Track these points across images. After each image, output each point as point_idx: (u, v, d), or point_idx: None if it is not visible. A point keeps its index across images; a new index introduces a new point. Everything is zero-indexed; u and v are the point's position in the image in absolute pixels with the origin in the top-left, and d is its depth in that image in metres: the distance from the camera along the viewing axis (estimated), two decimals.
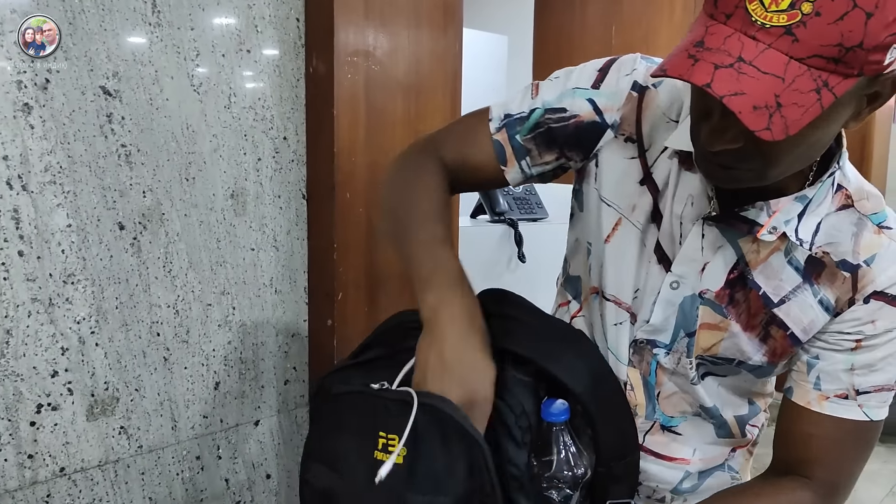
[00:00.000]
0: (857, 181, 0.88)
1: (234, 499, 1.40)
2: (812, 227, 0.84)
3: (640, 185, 0.91)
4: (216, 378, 1.34)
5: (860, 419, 0.86)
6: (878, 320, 0.83)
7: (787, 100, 0.65)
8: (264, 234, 1.39)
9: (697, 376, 0.93)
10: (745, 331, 0.87)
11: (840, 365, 0.85)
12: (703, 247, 0.87)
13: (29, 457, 1.12)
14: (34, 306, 1.11)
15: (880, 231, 0.84)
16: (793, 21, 0.63)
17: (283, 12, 1.38)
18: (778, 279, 0.85)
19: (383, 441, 0.84)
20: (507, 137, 0.95)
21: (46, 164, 1.10)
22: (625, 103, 0.90)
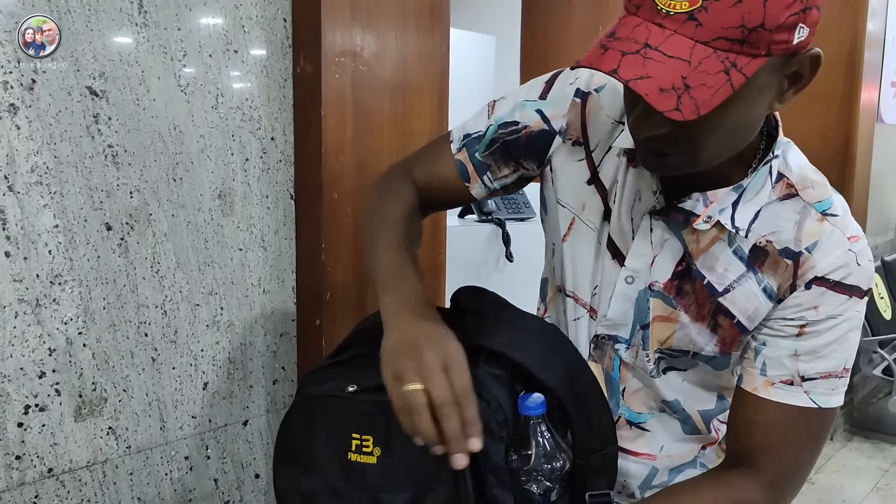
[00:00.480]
0: (801, 170, 0.89)
1: (223, 498, 1.40)
2: (749, 215, 0.85)
3: (589, 185, 0.95)
4: (204, 378, 1.34)
5: (807, 406, 0.86)
6: (820, 306, 0.84)
7: (694, 81, 0.68)
8: (252, 234, 1.39)
9: (657, 370, 0.95)
10: (694, 321, 0.90)
11: (784, 351, 0.86)
12: (652, 241, 0.90)
13: (16, 458, 1.12)
14: (21, 307, 1.11)
15: (824, 218, 0.86)
16: (694, 7, 0.67)
17: (271, 13, 1.39)
18: (722, 269, 0.87)
19: (357, 442, 0.85)
20: (467, 156, 1.01)
21: (33, 164, 1.10)
22: (569, 109, 0.95)
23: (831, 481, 3.17)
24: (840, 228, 0.86)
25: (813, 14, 0.72)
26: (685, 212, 0.86)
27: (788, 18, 0.68)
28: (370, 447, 0.85)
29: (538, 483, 0.91)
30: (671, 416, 0.99)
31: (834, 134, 3.39)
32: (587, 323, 0.99)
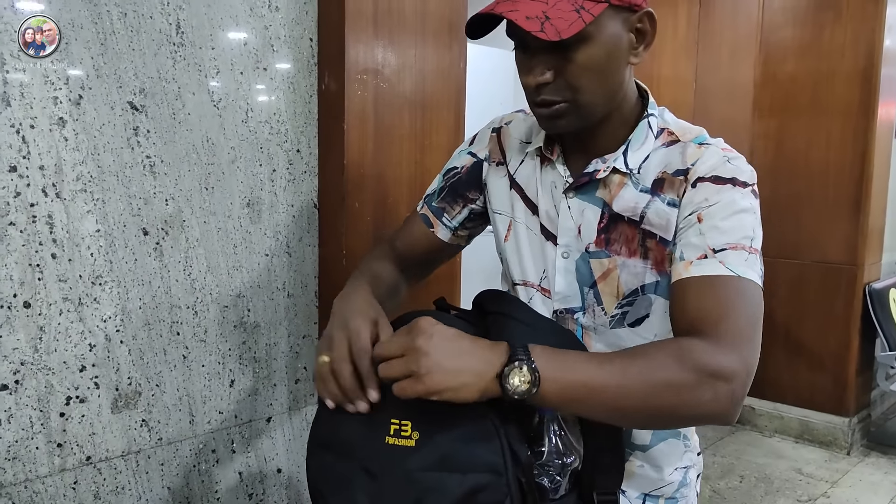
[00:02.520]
0: (679, 124, 1.07)
1: (246, 491, 1.48)
2: (639, 159, 1.03)
3: (511, 191, 1.14)
4: (231, 376, 1.42)
5: (725, 273, 0.90)
6: (707, 196, 0.97)
7: (553, 15, 0.89)
8: (278, 241, 1.47)
9: (617, 320, 1.05)
10: (629, 257, 1.03)
11: (693, 237, 0.96)
12: (573, 215, 1.06)
13: (58, 445, 1.21)
14: (65, 305, 1.19)
15: (700, 146, 1.02)
16: None
17: (298, 32, 1.47)
18: (633, 203, 1.02)
19: (395, 427, 0.92)
20: (427, 208, 1.22)
21: (78, 173, 1.19)
22: (489, 142, 1.18)
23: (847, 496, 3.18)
24: (714, 146, 1.02)
25: None
26: (590, 173, 1.04)
27: None
28: (409, 431, 0.92)
29: (549, 477, 0.98)
30: None
31: (851, 149, 3.42)
32: (541, 301, 1.10)
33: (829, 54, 3.52)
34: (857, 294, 3.42)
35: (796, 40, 3.61)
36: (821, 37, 3.54)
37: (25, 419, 1.17)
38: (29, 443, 1.17)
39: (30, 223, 1.15)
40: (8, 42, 1.10)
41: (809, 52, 3.56)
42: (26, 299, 1.15)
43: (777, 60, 3.65)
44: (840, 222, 3.44)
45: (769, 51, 3.67)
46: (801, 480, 3.24)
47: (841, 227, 3.44)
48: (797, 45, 3.60)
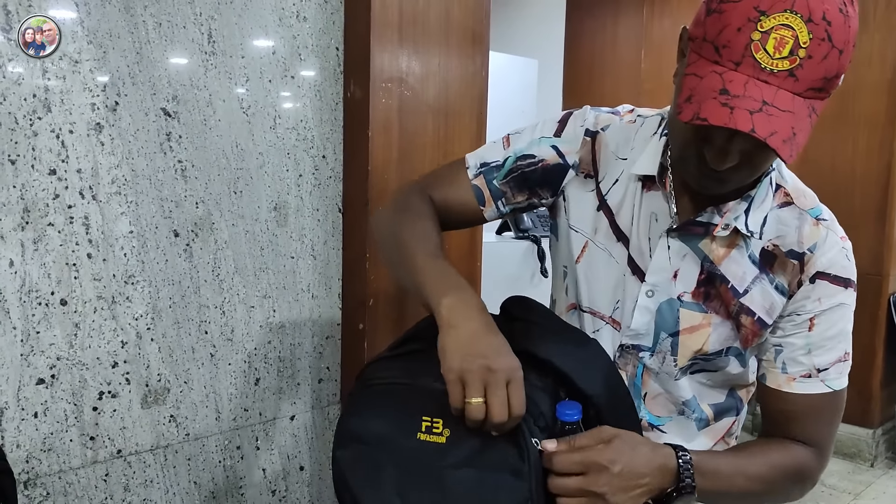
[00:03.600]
0: (793, 181, 1.02)
1: (270, 487, 1.51)
2: (759, 220, 0.98)
3: (598, 212, 1.06)
4: (257, 374, 1.46)
5: (825, 392, 0.99)
6: (822, 297, 0.97)
7: (798, 129, 0.80)
8: (303, 243, 1.52)
9: (679, 372, 1.03)
10: (724, 319, 1.00)
11: (800, 351, 0.98)
12: (671, 256, 1.01)
13: (91, 438, 1.25)
14: (99, 303, 1.24)
15: (818, 223, 0.99)
16: (794, 65, 0.79)
17: (325, 42, 1.52)
18: (741, 272, 0.98)
19: (427, 424, 0.94)
20: (484, 182, 1.10)
21: (113, 177, 1.24)
22: (581, 147, 1.07)
23: None
24: (833, 231, 0.99)
25: None
26: (703, 224, 0.98)
27: (846, 65, 0.82)
28: (440, 429, 0.94)
29: None
30: (688, 417, 1.07)
31: (877, 159, 3.40)
32: (610, 334, 1.07)
33: (855, 64, 3.49)
34: (881, 304, 3.40)
35: None
36: None
37: (60, 412, 1.21)
38: (63, 435, 1.22)
39: (67, 224, 1.20)
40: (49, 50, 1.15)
41: None
42: (63, 297, 1.20)
43: None
44: (865, 232, 3.42)
45: None
46: (824, 492, 3.21)
47: (866, 237, 3.41)
48: None
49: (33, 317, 1.17)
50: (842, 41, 0.79)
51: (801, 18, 0.78)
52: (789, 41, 0.78)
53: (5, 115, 1.12)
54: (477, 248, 1.74)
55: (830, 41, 0.78)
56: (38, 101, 1.15)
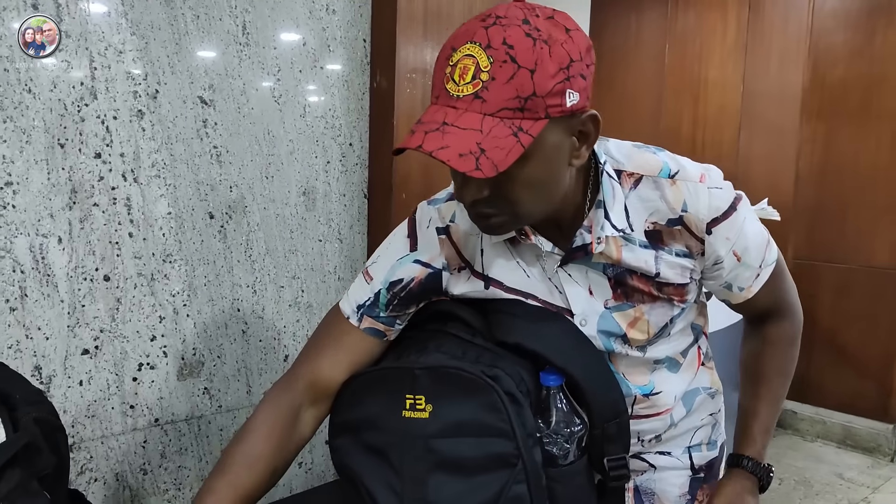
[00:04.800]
0: (627, 155, 1.02)
1: (297, 460, 1.58)
2: (621, 213, 0.99)
3: (487, 289, 1.06)
4: (286, 351, 1.54)
5: (771, 271, 1.11)
6: (727, 235, 1.02)
7: (489, 145, 0.81)
8: (330, 227, 1.58)
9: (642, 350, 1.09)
10: (653, 303, 1.04)
11: (742, 272, 1.07)
12: (577, 281, 1.03)
13: (131, 407, 1.33)
14: (139, 280, 1.32)
15: (674, 182, 0.99)
16: (477, 88, 0.82)
17: (352, 34, 1.58)
18: (643, 261, 1.01)
19: (410, 401, 1.01)
20: (372, 321, 1.07)
21: (153, 160, 1.31)
22: (441, 248, 1.06)
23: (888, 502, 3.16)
24: (688, 180, 1.00)
25: (578, 81, 0.85)
26: (582, 247, 1.00)
27: (555, 86, 0.83)
28: (423, 405, 1.01)
29: (557, 445, 1.06)
30: (660, 368, 1.13)
31: None
32: None
33: (880, 59, 3.50)
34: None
35: (847, 45, 3.59)
36: (872, 41, 3.52)
37: (103, 381, 1.29)
38: (105, 403, 1.30)
39: (111, 205, 1.27)
40: (96, 42, 1.23)
41: (860, 57, 3.55)
42: (106, 273, 1.28)
43: (827, 65, 3.64)
44: (888, 227, 3.42)
45: (818, 55, 3.66)
46: (842, 485, 3.23)
47: (889, 231, 3.41)
48: (848, 50, 3.59)
49: (79, 291, 1.25)
50: (530, 61, 0.81)
51: (480, 46, 0.82)
52: (471, 68, 0.82)
53: (55, 101, 1.20)
54: None
55: (515, 62, 0.81)
56: (86, 89, 1.23)
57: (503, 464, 0.99)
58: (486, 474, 0.99)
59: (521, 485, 0.99)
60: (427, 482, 1.00)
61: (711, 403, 1.19)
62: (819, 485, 3.16)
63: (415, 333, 1.10)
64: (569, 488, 1.04)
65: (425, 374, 1.01)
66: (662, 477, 1.16)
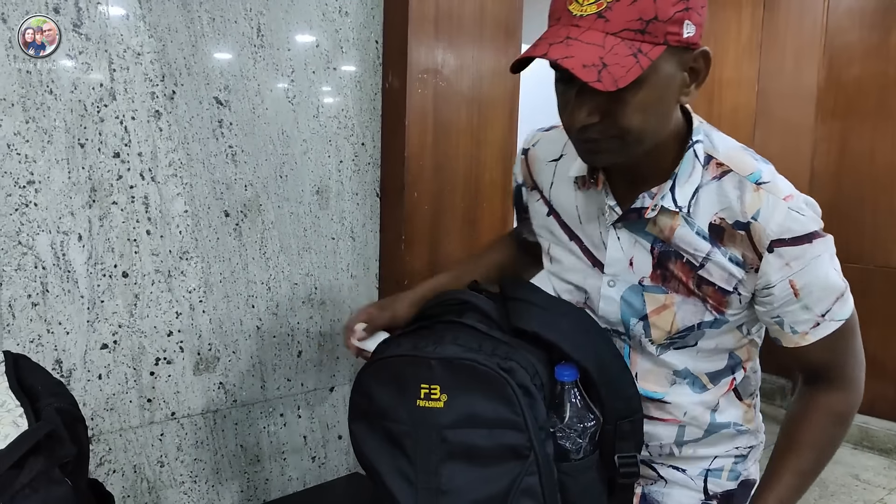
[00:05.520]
0: (728, 149, 1.02)
1: (310, 454, 1.61)
2: (688, 194, 1.00)
3: (548, 216, 1.15)
4: (299, 347, 1.56)
5: (836, 328, 1.02)
6: (789, 261, 0.97)
7: (610, 61, 0.85)
8: (343, 225, 1.61)
9: (660, 349, 1.08)
10: (687, 296, 1.03)
11: (799, 312, 1.01)
12: (622, 246, 1.05)
13: (148, 401, 1.36)
14: (156, 276, 1.35)
15: (758, 188, 0.98)
16: (601, 8, 0.86)
17: (365, 35, 1.61)
18: (693, 249, 1.01)
19: (425, 391, 1.04)
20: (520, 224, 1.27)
21: (170, 160, 1.35)
22: (521, 166, 1.20)
23: None
24: (773, 193, 0.98)
25: (696, 15, 0.88)
26: (638, 209, 1.02)
27: (675, 14, 0.86)
28: (438, 395, 1.04)
29: (570, 440, 1.07)
30: (682, 383, 1.11)
31: None
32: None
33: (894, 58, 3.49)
34: None
35: (862, 43, 3.58)
36: (888, 40, 3.50)
37: (121, 375, 1.33)
38: (124, 396, 1.33)
39: (129, 203, 1.31)
40: (115, 44, 1.26)
41: (876, 56, 3.53)
42: (125, 269, 1.31)
43: (842, 64, 3.63)
44: None
45: (834, 54, 3.64)
46: (858, 486, 3.21)
47: None
48: (863, 49, 3.57)
49: (98, 287, 1.28)
50: None
51: None
52: None
53: (76, 102, 1.23)
54: None
55: None
56: (105, 90, 1.26)
57: (515, 455, 1.00)
58: (499, 465, 1.01)
59: (532, 477, 1.01)
60: (440, 471, 1.02)
61: (742, 439, 1.15)
62: (834, 486, 3.14)
63: (432, 324, 1.12)
64: (580, 483, 1.06)
65: (441, 364, 1.03)
66: (672, 493, 1.14)
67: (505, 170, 1.77)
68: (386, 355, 1.10)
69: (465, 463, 1.02)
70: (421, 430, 1.04)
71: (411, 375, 1.05)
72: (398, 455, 1.06)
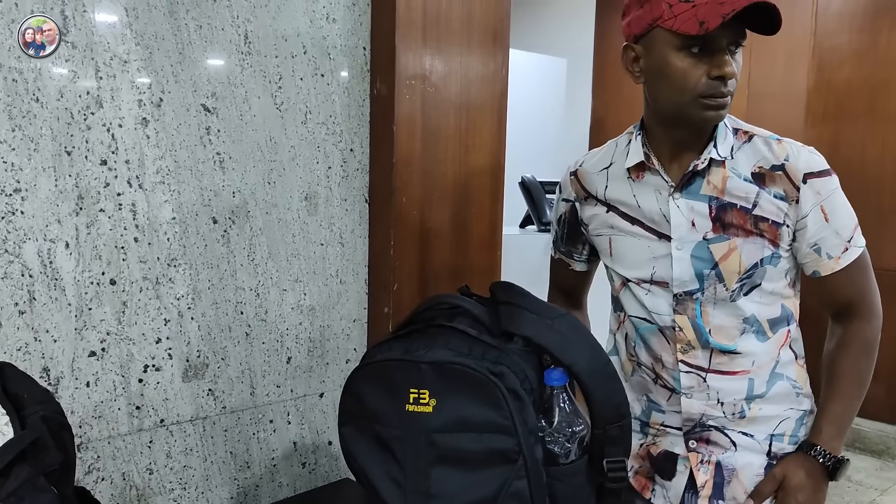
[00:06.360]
0: (746, 125, 1.28)
1: (300, 460, 1.61)
2: (727, 149, 1.24)
3: (608, 213, 1.34)
4: (288, 353, 1.57)
5: (858, 255, 1.25)
6: (819, 190, 1.21)
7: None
8: (332, 231, 1.61)
9: (737, 293, 1.24)
10: (747, 237, 1.22)
11: (832, 237, 1.23)
12: (683, 213, 1.25)
13: (136, 408, 1.36)
14: (144, 283, 1.35)
15: (780, 142, 1.24)
16: None
17: (353, 42, 1.61)
18: (744, 192, 1.22)
19: (415, 395, 1.04)
20: (559, 253, 1.49)
21: (158, 167, 1.35)
22: (572, 185, 1.40)
23: None
24: (793, 143, 1.24)
25: None
26: (690, 173, 1.23)
27: None
28: (427, 399, 1.04)
29: (559, 444, 1.08)
30: (749, 332, 1.26)
31: None
32: (661, 292, 1.29)
33: (885, 60, 3.51)
34: None
35: (852, 46, 3.60)
36: (877, 42, 3.53)
37: (109, 383, 1.33)
38: (112, 404, 1.33)
39: (116, 210, 1.31)
40: (101, 52, 1.27)
41: (865, 58, 3.56)
42: (112, 277, 1.31)
43: (832, 66, 3.65)
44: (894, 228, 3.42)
45: (823, 56, 3.67)
46: (850, 487, 3.23)
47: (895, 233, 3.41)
48: (853, 51, 3.60)
49: (86, 294, 1.29)
50: None
51: None
52: None
53: (62, 110, 1.23)
54: (497, 238, 1.82)
55: None
56: (92, 98, 1.26)
57: (504, 459, 1.01)
58: (488, 469, 1.02)
59: (521, 481, 1.02)
60: (429, 475, 1.03)
61: (796, 400, 1.30)
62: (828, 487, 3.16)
63: (424, 328, 1.13)
64: (569, 487, 1.07)
65: (430, 368, 1.04)
66: (742, 456, 1.28)
67: (493, 175, 1.78)
68: (377, 359, 1.11)
69: (454, 467, 1.03)
70: (410, 434, 1.05)
71: (401, 379, 1.06)
72: (388, 459, 1.07)
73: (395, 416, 1.06)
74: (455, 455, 1.03)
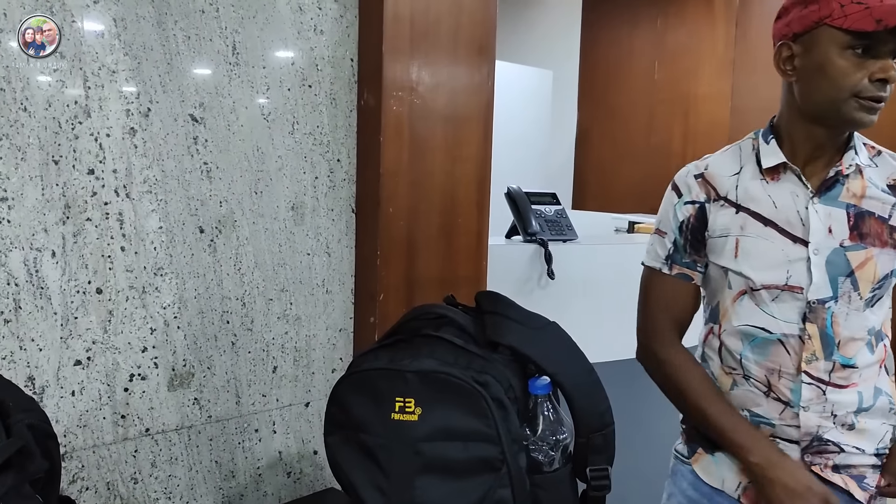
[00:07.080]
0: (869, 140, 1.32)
1: (285, 469, 1.62)
2: (866, 158, 1.28)
3: (737, 214, 1.30)
4: (274, 363, 1.57)
5: None
6: None
7: None
8: (319, 241, 1.62)
9: (864, 304, 1.25)
10: (883, 248, 1.24)
11: None
12: (821, 218, 1.24)
13: (122, 417, 1.36)
14: (131, 293, 1.35)
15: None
16: None
17: (340, 53, 1.63)
18: (881, 202, 1.25)
19: (400, 404, 1.05)
20: (679, 267, 1.36)
21: (145, 177, 1.35)
22: (699, 187, 1.34)
23: None
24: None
25: None
26: (831, 178, 1.25)
27: None
28: (412, 407, 1.05)
29: (543, 452, 1.10)
30: (862, 347, 1.26)
31: None
32: (790, 298, 1.26)
33: None
34: None
35: None
36: None
37: (95, 392, 1.33)
38: (97, 413, 1.33)
39: (103, 219, 1.31)
40: (90, 62, 1.27)
41: None
42: (98, 286, 1.32)
43: None
44: None
45: None
46: None
47: None
48: None
49: (72, 303, 1.29)
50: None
51: None
52: None
53: (50, 119, 1.24)
54: (483, 248, 1.83)
55: None
56: (79, 107, 1.27)
57: (488, 468, 1.03)
58: (472, 478, 1.03)
59: (505, 489, 1.03)
60: (414, 484, 1.04)
61: (888, 415, 1.30)
62: None
63: (409, 338, 1.14)
64: (552, 495, 1.08)
65: (416, 377, 1.05)
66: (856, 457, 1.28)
67: (479, 185, 1.80)
68: (363, 368, 1.12)
69: (438, 475, 1.04)
70: (395, 442, 1.06)
71: (387, 388, 1.07)
72: (373, 468, 1.08)
73: (380, 424, 1.07)
74: (440, 463, 1.04)
